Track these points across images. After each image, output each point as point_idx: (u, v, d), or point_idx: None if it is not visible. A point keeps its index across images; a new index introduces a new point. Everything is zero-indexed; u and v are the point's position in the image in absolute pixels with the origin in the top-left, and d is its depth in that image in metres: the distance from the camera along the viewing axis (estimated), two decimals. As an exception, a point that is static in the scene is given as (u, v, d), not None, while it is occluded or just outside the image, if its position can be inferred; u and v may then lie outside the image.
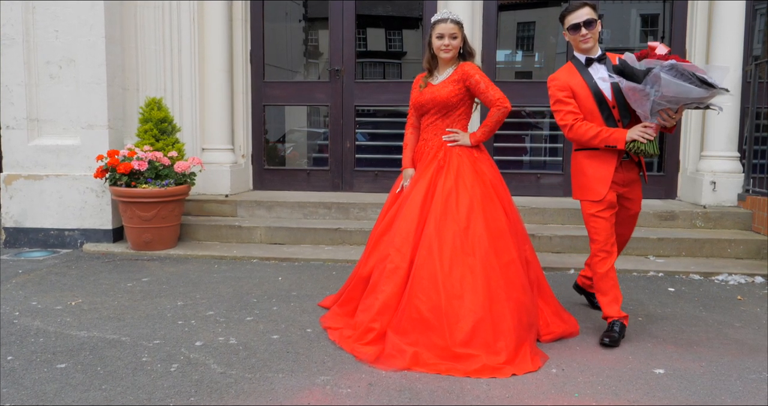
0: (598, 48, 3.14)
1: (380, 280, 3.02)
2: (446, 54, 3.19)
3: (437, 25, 3.19)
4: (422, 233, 3.00)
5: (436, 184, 3.10)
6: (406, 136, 3.41)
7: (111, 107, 5.23)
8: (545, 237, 4.94)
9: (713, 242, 4.78)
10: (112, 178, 4.85)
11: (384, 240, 3.17)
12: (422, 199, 3.09)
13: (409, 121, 3.42)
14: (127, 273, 4.38)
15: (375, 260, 3.16)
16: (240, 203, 5.62)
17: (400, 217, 3.13)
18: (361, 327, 2.95)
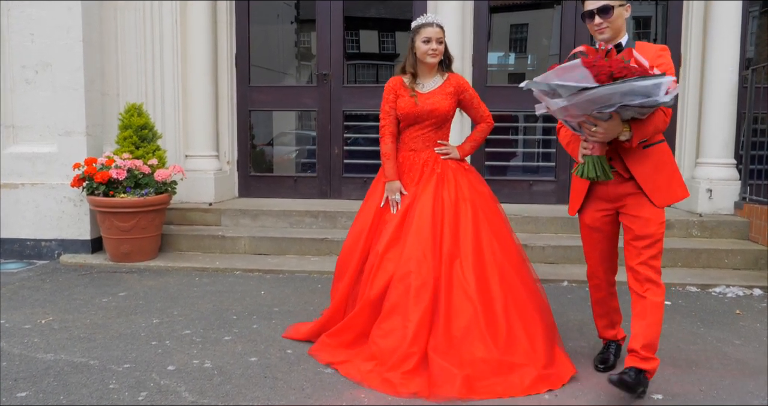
0: (622, 38, 2.60)
1: (406, 300, 2.78)
2: (433, 59, 3.09)
3: (423, 28, 3.06)
4: (441, 246, 2.90)
5: (441, 196, 3.03)
6: (388, 146, 3.15)
7: (89, 113, 5.05)
8: (538, 247, 4.79)
9: (710, 252, 4.65)
10: (90, 187, 4.67)
11: (390, 258, 2.92)
12: (431, 212, 2.98)
13: (389, 130, 3.15)
14: (104, 287, 4.20)
15: (384, 280, 2.87)
16: (224, 211, 5.45)
17: (411, 232, 2.94)
18: (396, 354, 2.67)
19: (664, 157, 2.61)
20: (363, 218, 3.17)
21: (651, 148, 2.58)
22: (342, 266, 3.16)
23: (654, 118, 2.46)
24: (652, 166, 2.57)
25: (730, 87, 5.21)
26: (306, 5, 7.73)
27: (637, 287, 2.60)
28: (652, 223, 2.57)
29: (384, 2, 12.54)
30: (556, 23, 12.28)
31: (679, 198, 2.63)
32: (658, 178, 2.57)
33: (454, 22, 5.49)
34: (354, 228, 3.21)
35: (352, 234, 3.18)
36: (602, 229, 2.77)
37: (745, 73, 5.36)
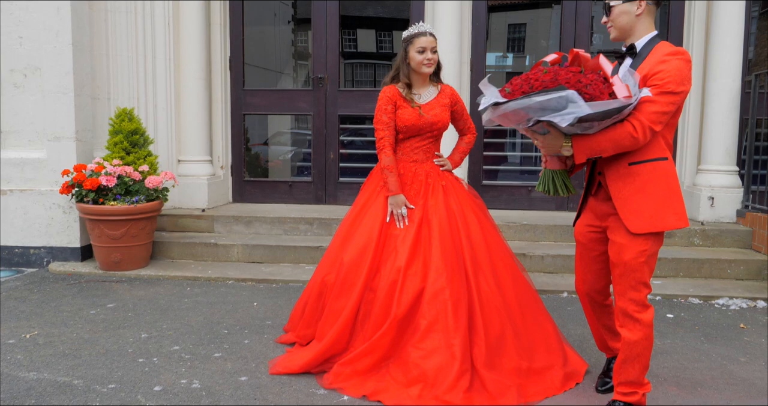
0: (639, 39, 2.36)
1: (445, 317, 2.71)
2: (429, 69, 3.04)
3: (417, 38, 2.98)
4: (464, 258, 2.89)
5: (452, 207, 3.02)
6: (390, 158, 3.02)
7: (79, 118, 4.94)
8: (537, 256, 4.70)
9: (712, 262, 4.56)
10: (79, 194, 4.56)
11: (412, 273, 2.81)
12: (449, 224, 2.95)
13: (389, 141, 3.04)
14: (92, 298, 4.10)
15: (411, 296, 2.76)
16: (217, 218, 5.34)
17: (435, 246, 2.86)
18: (447, 374, 2.57)
19: (657, 178, 2.29)
20: (365, 231, 2.98)
21: (639, 167, 2.30)
22: (344, 284, 2.93)
23: (612, 133, 2.22)
24: (637, 186, 2.30)
25: (733, 93, 5.12)
26: (303, 4, 7.62)
27: (616, 319, 2.45)
28: (627, 250, 2.33)
29: (381, 2, 12.46)
30: (555, 23, 12.22)
31: (667, 226, 2.30)
32: (642, 200, 2.29)
33: (451, 24, 5.39)
34: (354, 242, 2.99)
35: (355, 249, 2.96)
36: (587, 245, 2.61)
37: (748, 78, 5.27)
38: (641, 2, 2.32)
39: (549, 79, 2.19)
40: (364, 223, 3.03)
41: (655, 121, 2.20)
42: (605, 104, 2.13)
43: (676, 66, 2.21)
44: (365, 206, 3.09)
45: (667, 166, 2.32)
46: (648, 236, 2.31)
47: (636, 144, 2.23)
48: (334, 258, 3.07)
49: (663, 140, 2.32)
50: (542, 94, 2.14)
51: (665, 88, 2.19)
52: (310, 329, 3.09)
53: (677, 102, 2.22)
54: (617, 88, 2.15)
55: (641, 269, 2.33)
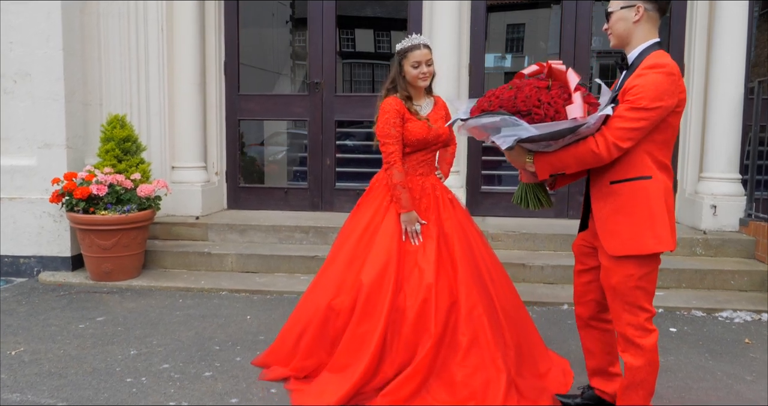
0: (635, 48, 2.26)
1: (484, 332, 2.73)
2: (425, 82, 2.97)
3: (411, 52, 2.89)
4: (482, 271, 2.90)
5: (460, 220, 3.02)
6: (402, 175, 2.89)
7: (70, 125, 4.84)
8: (536, 267, 4.61)
9: (715, 273, 4.47)
10: (69, 203, 4.46)
11: (441, 289, 2.76)
12: (466, 237, 2.95)
13: (399, 156, 2.89)
14: (82, 310, 4.00)
15: (443, 313, 2.72)
16: (211, 226, 5.25)
17: (460, 261, 2.84)
18: (497, 388, 2.60)
19: (638, 198, 2.18)
20: (382, 249, 2.82)
21: (619, 186, 2.21)
22: (367, 307, 2.75)
23: (575, 149, 2.18)
24: (616, 207, 2.22)
25: (736, 100, 5.03)
26: (301, 4, 7.50)
27: (618, 345, 2.36)
28: (613, 274, 2.24)
29: (380, 2, 12.38)
30: (554, 24, 12.13)
31: (644, 250, 2.18)
32: (620, 221, 2.20)
33: (450, 25, 5.29)
34: (372, 262, 2.81)
35: (375, 269, 2.78)
36: (578, 258, 2.55)
37: (751, 84, 5.18)
38: (639, 8, 2.21)
39: (507, 97, 2.17)
40: (378, 241, 2.87)
41: (622, 137, 2.12)
42: (553, 125, 2.10)
43: (653, 80, 2.11)
44: (372, 221, 2.94)
45: (651, 185, 2.19)
46: (632, 259, 2.20)
47: (599, 160, 2.17)
48: (341, 280, 2.85)
49: (649, 158, 2.19)
50: (486, 116, 2.17)
51: (636, 104, 2.10)
52: (312, 360, 2.86)
53: (650, 118, 2.11)
54: (572, 107, 2.11)
55: (632, 294, 2.23)
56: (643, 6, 2.21)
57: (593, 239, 2.40)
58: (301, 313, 2.97)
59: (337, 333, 2.80)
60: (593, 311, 2.57)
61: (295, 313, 3.04)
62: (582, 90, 2.19)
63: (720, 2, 5.01)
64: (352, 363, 2.72)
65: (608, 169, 2.23)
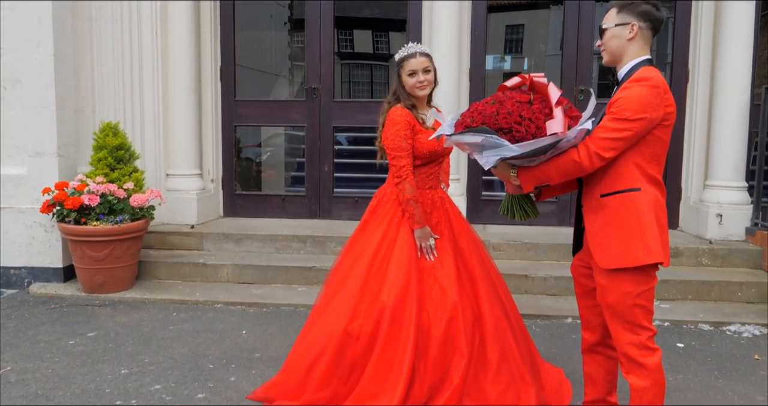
0: (626, 64, 2.26)
1: (512, 348, 2.74)
2: (423, 91, 2.84)
3: (406, 61, 2.80)
4: (495, 284, 2.90)
5: (471, 232, 2.99)
6: (414, 189, 2.76)
7: (61, 132, 4.73)
8: (539, 278, 4.51)
9: (722, 284, 4.37)
10: (60, 214, 4.35)
11: (466, 307, 2.70)
12: (476, 250, 2.91)
13: (410, 170, 2.76)
14: (73, 325, 3.89)
15: (470, 331, 2.67)
16: (206, 235, 5.13)
17: (480, 277, 2.80)
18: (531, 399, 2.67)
19: (626, 210, 2.19)
20: (401, 268, 2.68)
21: (608, 199, 2.22)
22: (392, 330, 2.60)
23: (557, 160, 2.19)
24: (606, 220, 2.22)
25: (742, 106, 4.93)
26: (299, 5, 7.38)
27: (621, 366, 2.29)
28: (609, 292, 2.22)
29: (378, 2, 12.29)
30: (553, 24, 12.04)
31: (633, 262, 2.16)
32: (610, 234, 2.21)
33: (450, 28, 5.18)
34: (391, 282, 2.65)
35: (396, 289, 2.63)
36: (577, 280, 2.53)
37: (757, 90, 5.08)
38: (633, 26, 2.22)
39: (490, 113, 2.18)
40: (395, 259, 2.72)
41: (604, 147, 2.13)
42: (535, 143, 2.12)
43: (637, 92, 2.12)
44: (385, 239, 2.77)
45: (639, 197, 2.19)
46: (626, 275, 2.19)
47: (582, 170, 2.18)
48: (357, 302, 2.66)
49: (638, 170, 2.19)
50: (469, 134, 2.19)
51: (619, 115, 2.12)
52: (327, 391, 2.62)
53: (634, 129, 2.11)
54: (552, 123, 2.12)
55: (631, 312, 2.20)
56: (638, 24, 2.22)
57: (589, 259, 2.37)
58: (312, 340, 2.71)
59: (355, 360, 2.61)
60: (601, 336, 2.48)
61: (302, 340, 2.78)
62: (564, 102, 2.20)
63: (726, 5, 4.91)
64: (382, 391, 2.55)
65: (598, 182, 2.25)
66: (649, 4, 2.22)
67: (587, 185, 2.33)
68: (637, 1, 2.22)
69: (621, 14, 2.24)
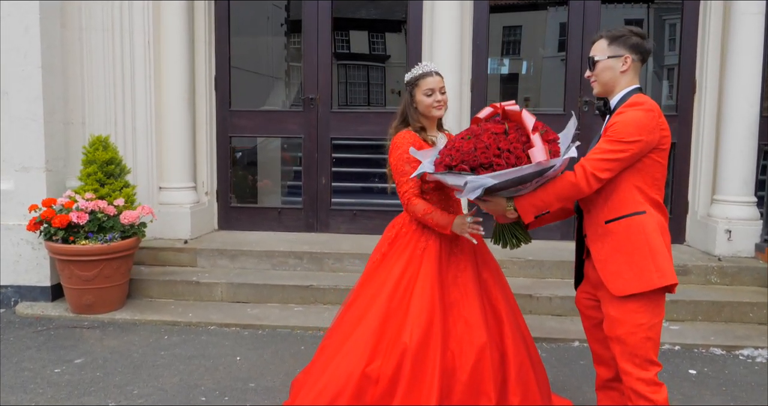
0: (617, 94, 2.26)
1: (533, 387, 2.62)
2: (439, 112, 2.68)
3: (423, 80, 2.63)
4: (518, 312, 2.80)
5: (494, 264, 2.85)
6: (422, 203, 2.57)
7: (49, 146, 4.57)
8: (544, 298, 4.37)
9: (733, 304, 4.24)
10: (47, 232, 4.19)
11: (494, 346, 2.55)
12: (499, 279, 2.78)
13: (415, 193, 2.59)
14: (59, 350, 3.73)
15: (497, 373, 2.53)
16: (200, 251, 4.98)
17: (502, 310, 2.65)
18: None
19: (634, 234, 2.18)
20: (424, 305, 2.48)
21: (614, 225, 2.21)
22: (415, 373, 2.41)
23: (553, 184, 2.19)
24: (614, 246, 2.20)
25: (751, 119, 4.79)
26: (295, 6, 7.22)
27: (627, 400, 2.25)
28: (620, 324, 2.19)
29: (375, 2, 12.16)
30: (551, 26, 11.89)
31: (650, 285, 2.14)
32: (621, 260, 2.18)
33: (451, 31, 5.05)
34: (413, 320, 2.45)
35: (418, 329, 2.43)
36: (585, 313, 2.51)
37: (767, 103, 4.95)
38: (627, 59, 2.25)
39: (468, 150, 2.17)
40: (417, 295, 2.51)
41: (600, 168, 2.14)
42: (517, 171, 2.12)
43: (632, 116, 2.15)
44: (405, 273, 2.56)
45: (645, 219, 2.19)
46: (638, 304, 2.16)
47: (579, 192, 2.18)
48: (375, 342, 2.46)
49: (640, 194, 2.20)
50: (451, 176, 2.21)
51: (616, 137, 2.13)
52: None
53: (629, 151, 2.12)
54: (534, 151, 2.11)
55: (642, 346, 2.17)
56: (632, 57, 2.24)
57: (595, 289, 2.35)
58: (327, 381, 2.49)
59: (374, 404, 2.43)
60: (616, 371, 2.41)
61: (314, 384, 2.57)
62: (540, 127, 2.20)
63: (735, 16, 4.78)
64: None
65: (601, 209, 2.24)
66: (637, 35, 2.24)
67: (589, 214, 2.30)
68: (627, 34, 2.24)
69: (613, 46, 2.25)
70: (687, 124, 5.23)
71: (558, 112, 5.56)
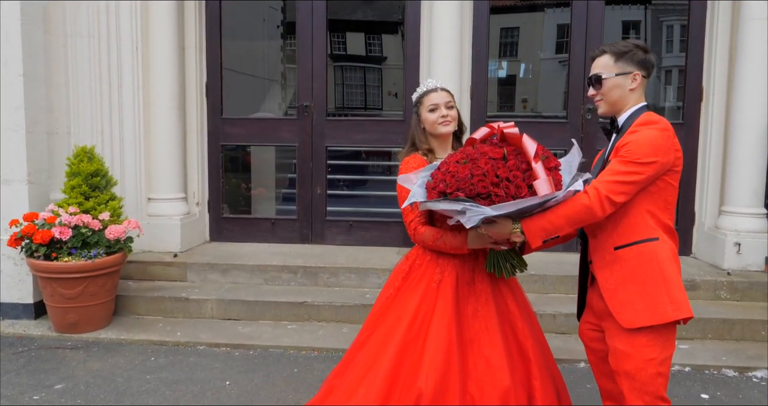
0: (625, 112, 2.15)
1: None
2: (446, 128, 2.45)
3: (426, 96, 2.45)
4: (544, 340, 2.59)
5: (521, 293, 2.62)
6: (430, 231, 2.35)
7: (32, 158, 4.39)
8: (548, 315, 4.20)
9: (744, 322, 4.07)
10: (28, 248, 4.01)
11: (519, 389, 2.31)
12: (526, 309, 2.55)
13: (421, 222, 2.36)
14: (40, 374, 3.55)
15: None
16: (190, 265, 4.79)
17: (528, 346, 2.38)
18: None
19: (647, 262, 2.05)
20: (440, 344, 2.24)
21: (624, 251, 2.08)
22: None
23: (564, 207, 2.03)
24: (624, 274, 2.07)
25: (760, 128, 4.62)
26: (291, 7, 7.02)
27: None
28: (629, 359, 2.06)
29: (371, 3, 12.01)
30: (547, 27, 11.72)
31: (664, 318, 2.01)
32: (631, 290, 2.05)
33: (450, 32, 4.88)
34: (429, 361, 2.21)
35: (434, 372, 2.18)
36: (590, 346, 2.36)
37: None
38: (636, 76, 2.13)
39: (464, 177, 2.02)
40: (433, 335, 2.27)
41: (614, 191, 1.99)
42: (519, 203, 1.99)
43: (647, 136, 2.02)
44: (421, 309, 2.33)
45: (658, 246, 2.07)
46: (649, 338, 2.03)
47: (593, 216, 2.02)
48: (388, 386, 2.23)
49: (652, 219, 2.08)
50: (444, 202, 2.05)
51: (630, 158, 2.01)
52: None
53: (645, 173, 2.00)
54: (539, 184, 1.99)
55: (653, 382, 2.05)
56: (640, 73, 2.13)
57: (599, 320, 2.23)
58: None
59: None
60: None
61: None
62: (541, 152, 2.05)
63: (743, 22, 4.61)
64: None
65: (610, 234, 2.10)
66: (642, 50, 2.13)
67: (595, 238, 2.17)
68: (633, 49, 2.12)
69: (620, 63, 2.13)
70: (693, 132, 5.06)
71: (560, 121, 5.39)
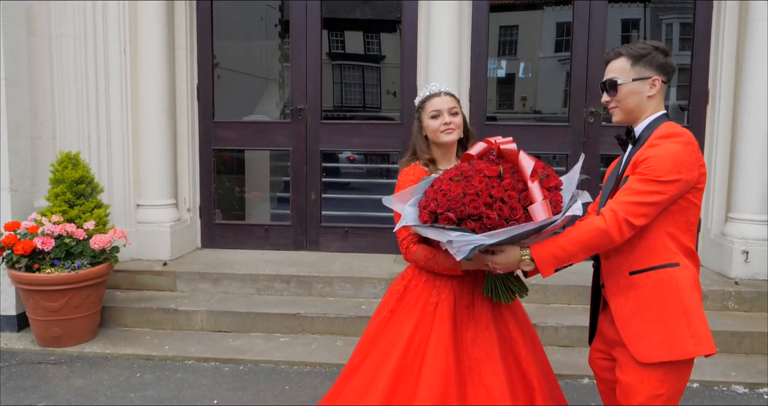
0: (642, 121, 1.98)
1: None
2: (449, 136, 2.27)
3: (428, 101, 2.28)
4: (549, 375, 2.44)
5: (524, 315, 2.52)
6: (422, 249, 2.19)
7: (14, 164, 4.22)
8: (550, 327, 4.06)
9: (753, 335, 3.92)
10: (9, 259, 3.85)
11: None
12: (529, 333, 2.43)
13: (413, 240, 2.20)
14: (19, 392, 3.39)
15: None
16: (180, 274, 4.64)
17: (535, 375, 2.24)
18: None
19: (666, 290, 1.88)
20: (438, 368, 2.09)
21: (641, 277, 1.91)
22: None
23: (578, 232, 1.87)
24: (639, 302, 1.91)
25: (769, 132, 4.48)
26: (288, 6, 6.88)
27: None
28: (636, 392, 1.90)
29: (369, 2, 11.85)
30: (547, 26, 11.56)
31: (684, 354, 1.86)
32: (648, 320, 1.89)
33: (449, 35, 4.73)
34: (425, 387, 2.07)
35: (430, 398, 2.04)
36: (599, 375, 2.20)
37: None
38: (655, 81, 1.95)
39: (455, 197, 1.89)
40: (429, 362, 2.12)
41: (634, 213, 1.82)
42: (513, 230, 1.86)
43: (669, 150, 1.84)
44: (416, 333, 2.18)
45: (679, 273, 1.89)
46: (663, 372, 1.87)
47: (610, 242, 1.85)
48: None
49: (672, 242, 1.91)
50: (433, 230, 1.93)
51: (651, 176, 1.83)
52: None
53: (668, 193, 1.82)
54: (536, 209, 1.84)
55: None
56: (660, 79, 1.95)
57: (610, 348, 2.07)
58: None
59: None
60: None
61: None
62: (539, 170, 1.92)
63: (751, 23, 4.46)
64: None
65: (626, 257, 1.93)
66: (662, 52, 1.95)
67: (608, 261, 2.00)
68: (652, 51, 1.94)
69: (637, 67, 1.94)
70: (699, 136, 4.91)
71: (561, 124, 5.23)
